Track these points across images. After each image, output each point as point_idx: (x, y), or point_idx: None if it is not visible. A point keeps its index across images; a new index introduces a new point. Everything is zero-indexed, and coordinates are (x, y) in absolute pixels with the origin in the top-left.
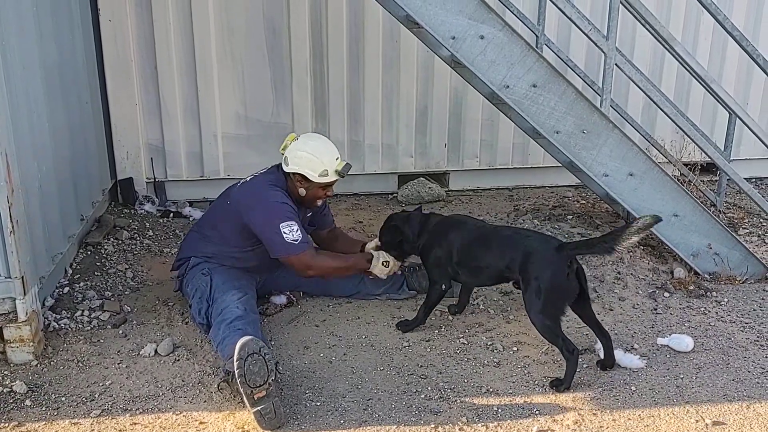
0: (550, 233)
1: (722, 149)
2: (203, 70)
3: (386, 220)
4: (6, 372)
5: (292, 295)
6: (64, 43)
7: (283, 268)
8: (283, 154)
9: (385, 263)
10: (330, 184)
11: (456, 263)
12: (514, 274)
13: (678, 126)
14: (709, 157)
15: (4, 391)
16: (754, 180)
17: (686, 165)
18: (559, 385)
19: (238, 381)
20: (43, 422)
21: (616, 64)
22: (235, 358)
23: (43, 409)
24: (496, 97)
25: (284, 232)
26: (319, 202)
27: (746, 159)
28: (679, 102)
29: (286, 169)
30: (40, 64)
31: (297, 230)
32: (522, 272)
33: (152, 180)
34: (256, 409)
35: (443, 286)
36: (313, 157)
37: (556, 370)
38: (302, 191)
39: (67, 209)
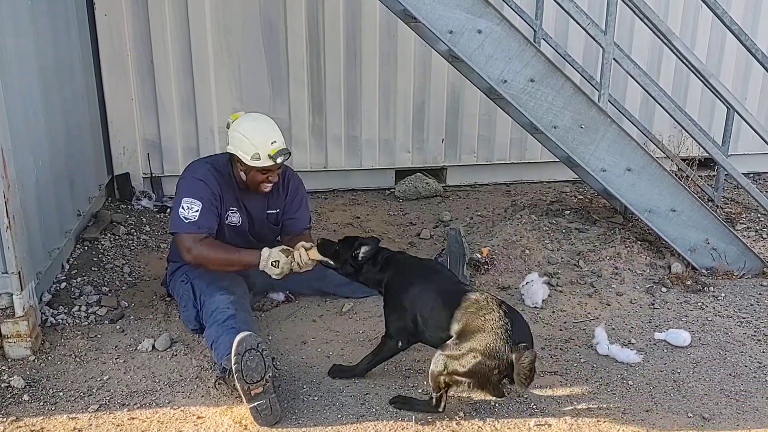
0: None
1: (720, 144)
2: (200, 65)
3: (347, 240)
4: (3, 367)
5: (290, 294)
6: (60, 38)
7: None
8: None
9: (274, 263)
10: (268, 169)
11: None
12: None
13: (676, 121)
14: (707, 152)
15: (2, 386)
16: (751, 175)
17: (684, 160)
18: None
19: (235, 377)
20: (41, 417)
21: (614, 59)
22: (232, 353)
23: (41, 404)
24: (493, 92)
25: (182, 207)
26: (266, 188)
27: (744, 154)
28: (678, 97)
29: (226, 148)
30: (35, 59)
31: (196, 210)
32: None
33: (149, 175)
34: (252, 405)
35: (399, 344)
36: (244, 139)
37: (553, 365)
38: (242, 174)
39: (63, 205)
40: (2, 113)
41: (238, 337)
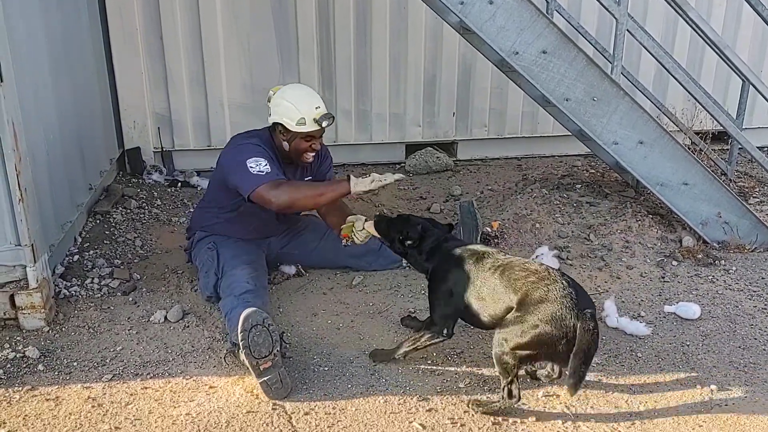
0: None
1: (734, 117)
2: (209, 38)
3: (405, 219)
4: (18, 338)
5: (302, 268)
6: (69, 12)
7: (293, 241)
8: (268, 107)
9: (363, 177)
10: (312, 135)
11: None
12: None
13: (689, 93)
14: (721, 125)
15: (17, 356)
16: (766, 149)
17: (697, 133)
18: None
19: (243, 352)
20: (56, 386)
21: (627, 30)
22: (239, 329)
23: (56, 373)
24: (505, 64)
25: (250, 166)
26: (309, 158)
27: (759, 127)
28: (692, 69)
29: (268, 120)
30: (45, 34)
31: (265, 164)
32: None
33: (159, 149)
34: (262, 379)
35: (444, 331)
36: (290, 105)
37: None
38: (285, 144)
39: (75, 178)
40: (12, 86)
41: (243, 314)
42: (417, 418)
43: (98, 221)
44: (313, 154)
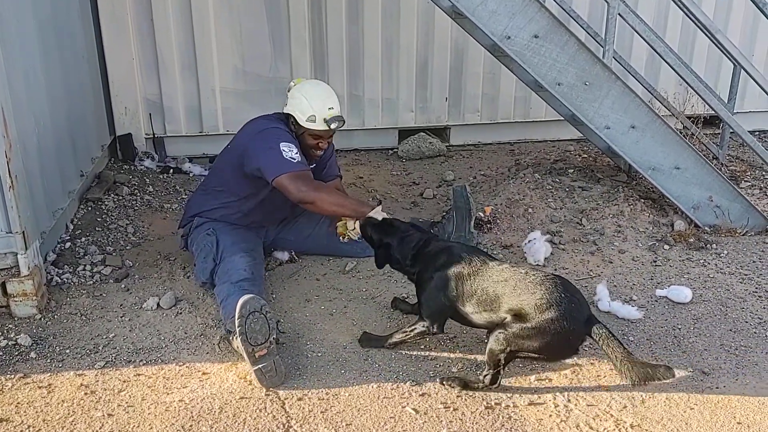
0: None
1: (726, 101)
2: (200, 23)
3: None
4: (10, 325)
5: (295, 254)
6: None
7: (288, 227)
8: (287, 95)
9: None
10: (320, 135)
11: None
12: None
13: (681, 77)
14: (713, 109)
15: (9, 344)
16: (757, 133)
17: (689, 118)
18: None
19: (239, 339)
20: (48, 374)
21: (619, 14)
22: (236, 315)
23: (48, 361)
24: (497, 48)
25: (283, 150)
26: (315, 155)
27: (750, 112)
28: (684, 54)
29: (284, 109)
30: (34, 17)
31: (297, 152)
32: None
33: (151, 136)
34: (257, 367)
35: (434, 328)
36: (304, 100)
37: None
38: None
39: (66, 165)
40: (2, 73)
41: (241, 300)
42: (410, 403)
43: (90, 208)
44: (320, 152)
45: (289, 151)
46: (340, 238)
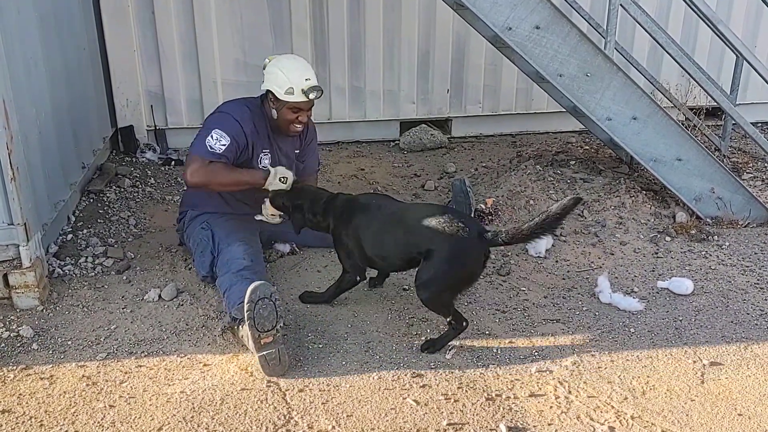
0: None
1: (728, 93)
2: (201, 14)
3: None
4: (12, 317)
5: (296, 246)
6: None
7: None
8: (263, 74)
9: (283, 179)
10: (299, 107)
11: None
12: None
13: (683, 68)
14: (715, 100)
15: (11, 335)
16: (760, 124)
17: (691, 109)
18: (431, 346)
19: (246, 324)
20: (50, 365)
21: (621, 5)
22: (245, 301)
23: (50, 352)
24: (499, 40)
25: (211, 136)
26: (296, 129)
27: (753, 103)
28: (686, 45)
29: (261, 87)
30: (34, 8)
31: (223, 144)
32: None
33: (153, 128)
34: (261, 354)
35: (357, 277)
36: (280, 73)
37: (555, 313)
38: (274, 113)
39: (67, 157)
40: (2, 64)
41: (251, 286)
42: (411, 395)
43: (92, 200)
44: (300, 126)
45: (216, 141)
46: (265, 222)
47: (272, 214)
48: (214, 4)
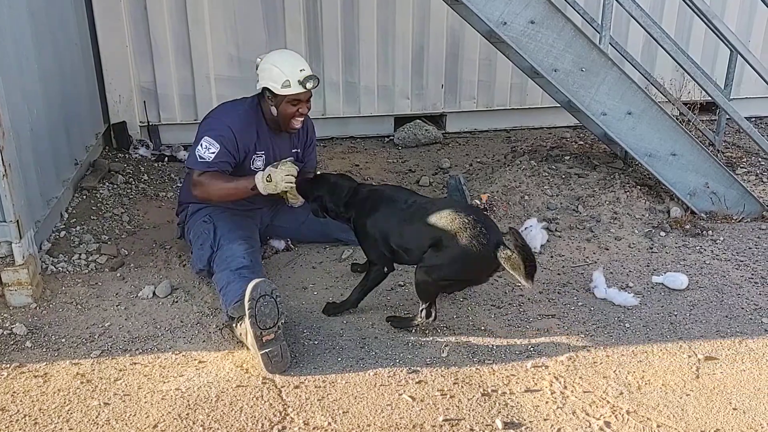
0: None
1: (722, 87)
2: (194, 9)
3: (315, 181)
4: (5, 315)
5: (291, 243)
6: None
7: (282, 214)
8: (257, 74)
9: (268, 178)
10: (298, 99)
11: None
12: None
13: (678, 63)
14: (709, 95)
15: (4, 333)
16: (753, 119)
17: (686, 104)
18: (397, 322)
19: (248, 321)
20: (44, 363)
21: (615, 0)
22: (246, 298)
23: (44, 350)
24: (493, 35)
25: (201, 145)
26: (296, 123)
27: (746, 98)
28: (680, 40)
29: (257, 86)
30: (26, 4)
31: (213, 152)
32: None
33: (146, 124)
34: (263, 351)
35: (384, 269)
36: (274, 68)
37: (551, 308)
38: (273, 110)
39: (60, 153)
40: None
41: (252, 283)
42: (407, 391)
43: (85, 197)
44: (301, 119)
45: (205, 150)
46: (288, 205)
47: (293, 197)
48: None
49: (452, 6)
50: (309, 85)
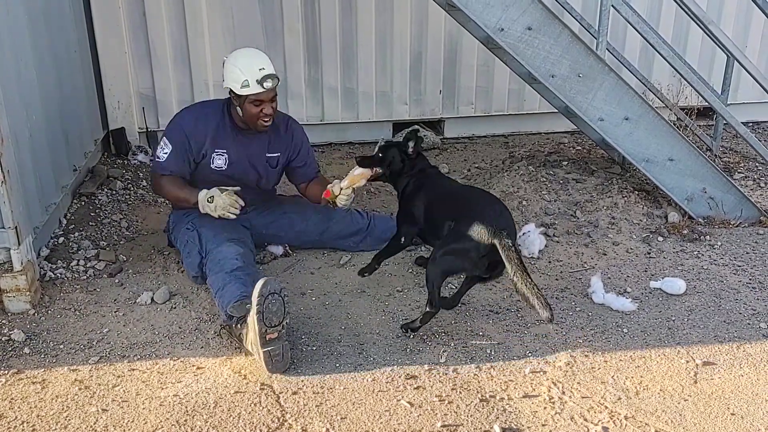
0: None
1: (719, 93)
2: (193, 15)
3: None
4: (4, 321)
5: (289, 248)
6: None
7: (277, 223)
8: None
9: (209, 198)
10: (260, 100)
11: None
12: None
13: (674, 68)
14: (706, 100)
15: (3, 339)
16: (750, 124)
17: (683, 109)
18: (410, 325)
19: (255, 317)
20: (42, 369)
21: (612, 6)
22: (255, 294)
23: (42, 356)
24: (491, 41)
25: (160, 145)
26: (264, 124)
27: (743, 103)
28: (677, 46)
29: (223, 87)
30: (24, 10)
31: (166, 152)
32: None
33: (144, 130)
34: (266, 349)
35: (403, 240)
36: (235, 69)
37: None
38: (239, 110)
39: (59, 159)
40: None
41: (262, 280)
42: (405, 396)
43: (83, 203)
44: (268, 120)
45: (161, 150)
46: (331, 206)
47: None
48: (206, 4)
49: (450, 12)
50: (267, 85)
